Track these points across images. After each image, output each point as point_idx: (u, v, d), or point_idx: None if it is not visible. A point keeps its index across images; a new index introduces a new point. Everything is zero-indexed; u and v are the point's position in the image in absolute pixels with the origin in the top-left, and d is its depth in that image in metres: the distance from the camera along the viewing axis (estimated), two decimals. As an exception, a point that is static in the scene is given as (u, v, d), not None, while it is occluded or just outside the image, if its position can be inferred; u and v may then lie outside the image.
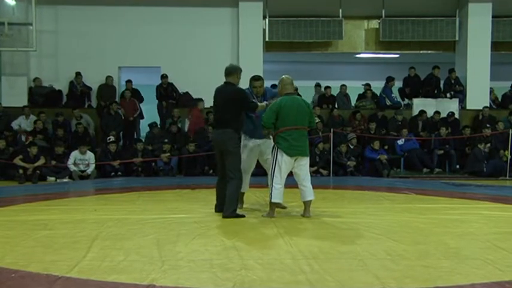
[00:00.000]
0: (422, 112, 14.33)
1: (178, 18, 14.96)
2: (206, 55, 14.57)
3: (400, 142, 13.65)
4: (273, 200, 6.68)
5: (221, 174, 6.92)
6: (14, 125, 13.50)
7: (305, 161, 6.75)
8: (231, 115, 6.70)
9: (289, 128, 6.57)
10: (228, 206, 6.65)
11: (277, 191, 6.64)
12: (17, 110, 13.95)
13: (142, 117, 14.87)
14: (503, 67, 17.35)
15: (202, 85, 13.83)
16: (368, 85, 15.89)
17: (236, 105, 6.73)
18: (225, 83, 6.87)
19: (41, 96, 14.58)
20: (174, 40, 14.93)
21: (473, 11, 15.03)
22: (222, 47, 14.95)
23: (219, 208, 6.88)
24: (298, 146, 6.63)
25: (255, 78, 7.25)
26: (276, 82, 7.22)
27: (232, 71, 6.84)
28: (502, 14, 15.13)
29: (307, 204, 6.80)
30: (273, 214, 6.74)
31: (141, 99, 14.73)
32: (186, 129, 13.92)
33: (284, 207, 7.13)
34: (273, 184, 6.64)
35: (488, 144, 13.12)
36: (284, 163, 6.61)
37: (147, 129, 14.03)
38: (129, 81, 14.68)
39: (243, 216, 6.71)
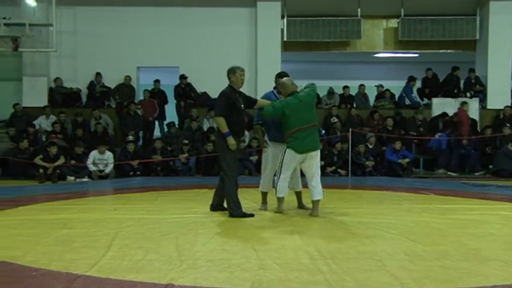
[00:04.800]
0: (444, 114, 14.21)
1: (196, 18, 15.02)
2: (224, 55, 14.56)
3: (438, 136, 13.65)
4: (277, 195, 6.90)
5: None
6: (35, 124, 13.66)
7: (313, 161, 6.79)
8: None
9: (298, 129, 6.65)
10: (229, 206, 6.79)
11: (282, 187, 6.83)
12: (38, 110, 14.12)
13: (164, 119, 14.93)
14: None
15: (220, 85, 13.66)
16: (381, 86, 15.81)
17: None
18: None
19: (62, 95, 14.75)
20: (192, 40, 14.99)
21: (494, 10, 14.85)
22: (240, 47, 14.98)
23: (214, 207, 7.12)
24: (307, 143, 6.71)
25: (280, 75, 7.17)
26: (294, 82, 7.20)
27: (227, 74, 6.86)
28: (523, 13, 14.94)
29: (315, 203, 6.85)
30: (281, 208, 6.95)
31: (165, 100, 14.80)
32: (205, 128, 13.96)
33: (307, 208, 7.12)
34: (278, 181, 6.83)
35: (510, 144, 12.97)
36: (291, 161, 6.73)
37: (166, 129, 14.11)
38: (157, 81, 14.82)
39: (251, 215, 6.76)
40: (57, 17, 13.71)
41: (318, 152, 6.86)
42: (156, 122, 14.90)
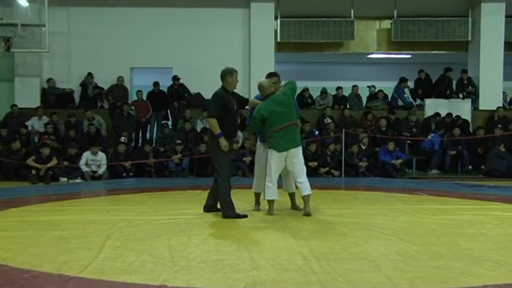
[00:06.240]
0: (436, 114, 14.29)
1: (190, 19, 15.00)
2: (218, 56, 14.53)
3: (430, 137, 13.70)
4: (266, 198, 6.95)
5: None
6: (28, 125, 13.60)
7: (296, 158, 6.84)
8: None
9: (277, 129, 6.72)
10: (222, 207, 6.78)
11: (270, 189, 6.86)
12: (30, 111, 14.07)
13: (168, 119, 14.88)
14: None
15: (213, 86, 13.61)
16: (373, 87, 15.84)
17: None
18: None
19: (55, 96, 14.70)
20: (185, 41, 14.98)
21: (486, 11, 14.92)
22: (234, 48, 14.98)
23: (207, 208, 7.09)
24: (285, 141, 6.77)
25: (269, 75, 7.23)
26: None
27: (222, 75, 6.84)
28: (515, 14, 15.02)
29: (305, 199, 6.89)
30: (271, 211, 6.95)
31: (166, 102, 14.74)
32: (198, 129, 13.95)
33: (301, 209, 7.11)
34: (266, 183, 6.87)
35: (502, 145, 13.04)
36: (274, 162, 6.79)
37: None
38: (156, 84, 14.74)
39: (245, 216, 6.75)
40: (50, 17, 13.65)
41: (299, 149, 6.90)
42: (155, 123, 14.86)
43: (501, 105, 14.83)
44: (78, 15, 14.91)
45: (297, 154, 6.84)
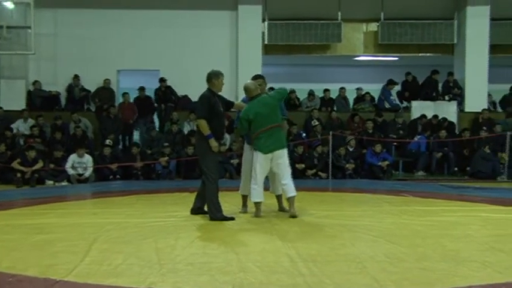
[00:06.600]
0: (422, 116, 14.38)
1: (177, 21, 14.98)
2: (205, 58, 14.48)
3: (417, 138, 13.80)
4: (252, 200, 6.97)
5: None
6: (13, 128, 13.48)
7: (282, 159, 6.86)
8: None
9: (262, 130, 6.75)
10: (209, 209, 6.77)
11: (255, 191, 6.88)
12: (16, 113, 13.96)
13: (153, 122, 14.84)
14: (500, 70, 17.35)
15: (201, 88, 13.63)
16: (360, 89, 15.91)
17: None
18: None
19: (41, 99, 14.60)
20: (173, 43, 14.95)
21: (471, 14, 15.05)
22: (221, 50, 14.97)
23: (195, 211, 7.07)
24: (270, 143, 6.79)
25: (254, 77, 7.25)
26: (274, 85, 7.28)
27: (208, 78, 6.85)
28: (499, 17, 15.15)
29: (290, 201, 6.91)
30: (259, 213, 6.95)
31: (152, 107, 14.69)
32: (185, 131, 13.92)
33: (288, 211, 7.11)
34: (251, 185, 6.89)
35: (487, 147, 13.14)
36: (259, 163, 6.81)
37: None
38: (142, 89, 14.72)
39: (232, 218, 6.75)
40: (36, 19, 13.54)
41: (285, 151, 6.92)
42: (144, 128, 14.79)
43: (486, 107, 14.97)
44: (65, 17, 14.84)
45: (282, 155, 6.86)
